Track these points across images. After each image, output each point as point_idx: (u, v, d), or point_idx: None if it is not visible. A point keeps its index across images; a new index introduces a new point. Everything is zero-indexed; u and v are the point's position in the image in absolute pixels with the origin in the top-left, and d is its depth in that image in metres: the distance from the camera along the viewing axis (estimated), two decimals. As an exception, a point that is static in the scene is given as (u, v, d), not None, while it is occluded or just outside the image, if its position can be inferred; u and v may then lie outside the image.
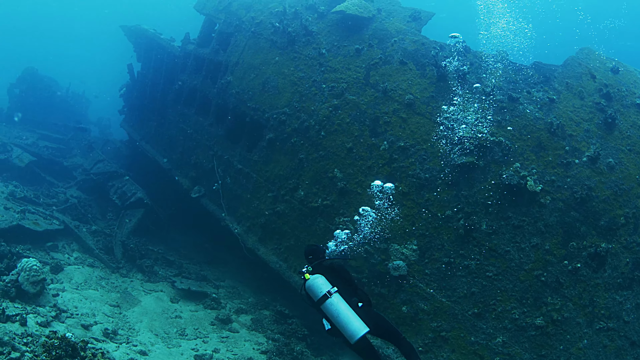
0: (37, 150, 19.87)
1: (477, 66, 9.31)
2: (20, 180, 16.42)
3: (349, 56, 10.41)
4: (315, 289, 6.07)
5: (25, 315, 8.08)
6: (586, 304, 8.20)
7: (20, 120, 23.95)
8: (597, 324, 8.19)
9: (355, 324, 5.79)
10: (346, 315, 5.86)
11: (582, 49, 9.90)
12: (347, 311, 5.89)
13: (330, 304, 5.93)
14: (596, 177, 8.55)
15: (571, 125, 8.82)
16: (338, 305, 5.91)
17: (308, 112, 10.42)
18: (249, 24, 12.69)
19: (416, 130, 9.08)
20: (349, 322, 5.80)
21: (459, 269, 8.45)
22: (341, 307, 5.91)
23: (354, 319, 5.83)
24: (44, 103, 26.38)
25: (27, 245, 11.63)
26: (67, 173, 19.01)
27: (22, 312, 8.21)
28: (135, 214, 14.38)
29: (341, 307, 5.91)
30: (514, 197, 8.33)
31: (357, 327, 5.78)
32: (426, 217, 8.72)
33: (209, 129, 13.28)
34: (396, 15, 10.69)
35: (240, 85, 12.21)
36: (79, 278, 11.02)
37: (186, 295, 11.46)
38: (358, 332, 5.75)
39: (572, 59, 9.56)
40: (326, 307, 5.94)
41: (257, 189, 11.28)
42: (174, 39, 16.84)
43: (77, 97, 30.27)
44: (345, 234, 8.64)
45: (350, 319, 5.82)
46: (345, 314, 5.86)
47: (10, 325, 7.66)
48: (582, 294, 8.21)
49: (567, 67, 9.41)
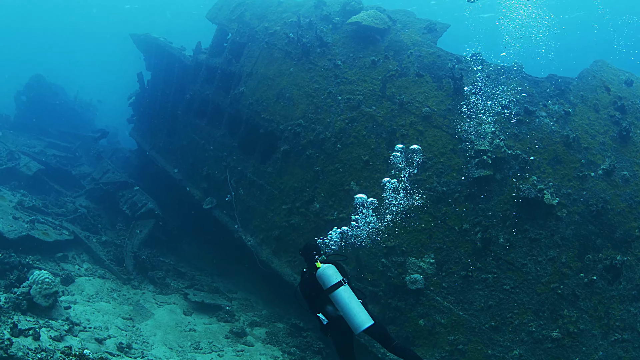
0: (45, 158, 20.22)
1: (493, 79, 9.63)
2: (28, 189, 16.75)
3: (365, 68, 10.73)
4: (329, 276, 6.40)
5: (38, 329, 8.22)
6: (601, 316, 8.51)
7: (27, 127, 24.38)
8: (612, 335, 8.49)
9: (363, 315, 6.17)
10: (356, 305, 6.24)
11: (596, 62, 10.24)
12: (356, 301, 6.28)
13: (344, 291, 6.29)
14: (611, 190, 8.87)
15: (587, 138, 9.13)
16: (350, 294, 6.30)
17: (324, 124, 10.72)
18: (263, 34, 13.02)
19: (433, 143, 9.39)
20: (358, 312, 6.16)
21: (476, 282, 8.73)
22: (352, 296, 6.30)
23: (361, 310, 6.21)
24: (51, 111, 26.82)
25: (37, 255, 11.82)
26: (75, 182, 19.38)
27: (35, 326, 8.32)
28: (146, 224, 14.68)
29: (352, 296, 6.30)
30: (531, 210, 8.63)
31: (364, 318, 6.14)
32: (443, 231, 9.00)
33: (222, 140, 13.58)
34: (411, 26, 11.02)
35: (254, 96, 12.53)
36: (90, 290, 11.26)
37: (199, 308, 11.72)
38: (364, 323, 6.11)
39: (586, 72, 9.89)
40: (337, 295, 6.28)
41: (271, 201, 11.58)
42: (185, 48, 17.18)
43: (85, 105, 30.76)
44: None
45: (359, 310, 6.20)
46: (355, 304, 6.24)
47: (23, 339, 7.76)
48: (597, 306, 8.52)
49: (582, 79, 9.74)
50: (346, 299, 6.25)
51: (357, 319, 6.13)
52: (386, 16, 11.14)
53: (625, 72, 10.28)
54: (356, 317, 6.14)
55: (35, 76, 27.66)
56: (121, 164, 20.62)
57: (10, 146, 20.00)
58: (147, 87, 19.40)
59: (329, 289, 6.36)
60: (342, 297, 6.26)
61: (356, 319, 6.14)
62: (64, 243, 12.84)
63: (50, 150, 21.88)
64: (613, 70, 10.22)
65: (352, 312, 6.17)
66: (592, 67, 10.05)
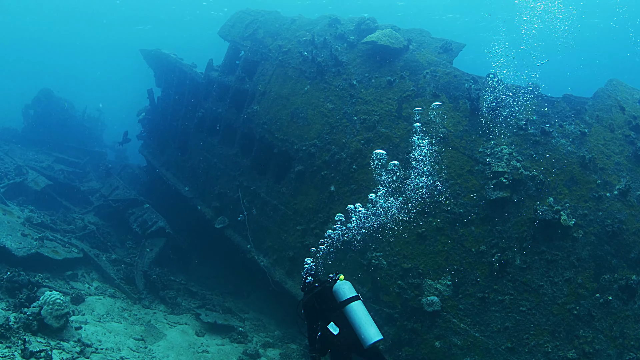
0: (53, 173, 20.75)
1: (509, 99, 10.01)
2: (36, 204, 17.21)
3: (381, 88, 11.13)
4: (347, 290, 7.15)
5: (50, 351, 8.50)
6: (616, 336, 8.83)
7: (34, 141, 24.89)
8: (627, 354, 8.80)
9: (374, 329, 6.83)
10: (369, 319, 6.92)
11: (610, 81, 10.62)
12: (369, 316, 6.96)
13: (360, 304, 7.01)
14: (627, 210, 9.21)
15: (602, 158, 9.47)
16: (364, 309, 7.02)
17: (339, 144, 11.11)
18: (277, 52, 13.47)
19: (450, 164, 9.76)
20: (370, 326, 6.82)
21: (492, 303, 9.04)
22: (366, 311, 7.00)
23: (373, 324, 6.87)
24: (59, 125, 27.39)
25: (46, 273, 12.18)
26: (83, 198, 19.87)
27: (47, 348, 8.60)
28: (157, 243, 15.07)
29: (366, 311, 7.00)
30: (547, 231, 8.96)
31: (375, 331, 6.80)
32: (460, 252, 9.34)
33: (234, 159, 13.99)
34: (427, 46, 11.43)
35: (267, 115, 12.95)
36: (100, 309, 11.59)
37: (211, 328, 12.06)
38: (375, 336, 6.75)
39: (601, 91, 10.26)
40: (352, 307, 6.96)
41: (285, 222, 11.94)
42: (196, 65, 17.67)
43: (93, 120, 31.34)
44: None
45: (371, 323, 6.86)
46: (368, 317, 6.92)
47: (34, 362, 8.00)
48: (612, 326, 8.84)
49: (597, 99, 10.10)
50: (360, 312, 6.92)
51: (368, 332, 6.75)
52: (401, 35, 11.56)
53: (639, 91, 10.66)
54: (367, 330, 6.76)
55: (43, 90, 28.22)
56: (130, 180, 21.08)
57: (18, 160, 20.52)
58: (158, 103, 19.89)
59: (344, 301, 7.03)
60: (356, 310, 6.92)
61: (366, 332, 6.75)
62: (73, 261, 13.23)
63: (57, 165, 22.42)
64: (627, 89, 10.59)
65: (363, 325, 6.80)
66: (607, 87, 10.42)
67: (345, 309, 6.97)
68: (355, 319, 6.89)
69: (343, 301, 7.05)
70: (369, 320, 6.90)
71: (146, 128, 20.83)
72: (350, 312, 6.93)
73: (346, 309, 6.97)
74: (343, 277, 7.39)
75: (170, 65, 18.62)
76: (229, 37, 15.48)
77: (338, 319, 7.04)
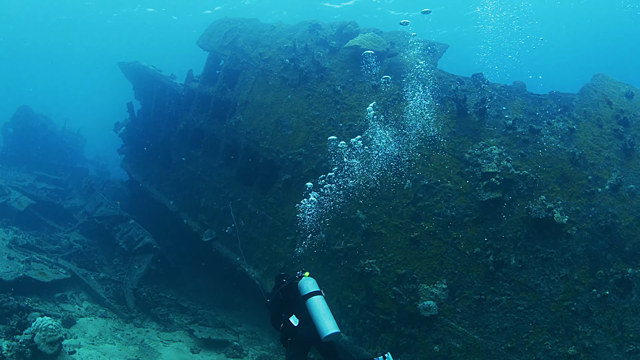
0: (35, 192, 20.50)
1: (496, 99, 9.99)
2: (20, 225, 16.93)
3: (366, 92, 11.05)
4: (309, 285, 7.55)
5: None
6: (615, 329, 8.89)
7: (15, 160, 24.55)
8: (627, 347, 8.89)
9: (332, 322, 7.21)
10: (328, 312, 7.30)
11: (596, 75, 10.65)
12: (329, 311, 7.35)
13: (320, 299, 7.40)
14: (619, 204, 9.25)
15: (592, 154, 9.49)
16: (324, 302, 7.41)
17: (325, 152, 10.99)
18: (257, 60, 13.33)
19: (440, 167, 9.69)
20: (328, 318, 7.20)
21: (490, 305, 9.00)
22: (326, 306, 7.39)
23: (331, 317, 7.25)
24: (40, 142, 27.14)
25: (35, 297, 11.92)
26: (67, 216, 19.63)
27: None
28: (144, 259, 14.85)
29: (326, 306, 7.39)
30: (541, 230, 8.94)
31: (332, 325, 7.17)
32: (454, 255, 9.28)
33: (219, 171, 13.82)
34: (410, 48, 11.37)
35: (251, 124, 12.80)
36: (93, 331, 11.37)
37: (206, 344, 11.88)
38: (332, 328, 7.12)
39: (588, 87, 10.29)
40: (313, 301, 7.37)
41: (274, 232, 11.80)
42: (175, 76, 17.49)
43: (73, 135, 31.05)
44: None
45: (329, 317, 7.25)
46: (327, 311, 7.31)
47: (29, 392, 7.81)
48: (611, 320, 8.89)
49: (583, 94, 10.13)
50: (320, 306, 7.32)
51: (325, 325, 7.13)
52: (384, 38, 11.50)
53: (625, 85, 10.70)
54: (325, 322, 7.15)
55: (22, 107, 27.94)
56: (113, 195, 20.80)
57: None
58: (138, 117, 19.64)
59: (306, 295, 7.44)
60: (316, 304, 7.33)
61: (324, 324, 7.14)
62: (61, 282, 12.98)
63: (40, 184, 22.23)
64: (613, 83, 10.63)
65: (322, 318, 7.20)
66: (593, 82, 10.45)
67: (307, 302, 7.39)
68: (314, 312, 7.29)
69: (305, 295, 7.46)
70: (328, 314, 7.29)
71: (127, 142, 20.56)
72: (311, 305, 7.34)
73: (307, 302, 7.39)
74: (308, 274, 7.83)
75: (149, 77, 18.41)
76: (208, 46, 15.32)
77: (300, 312, 7.46)
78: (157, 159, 17.19)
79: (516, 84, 10.30)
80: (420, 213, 9.65)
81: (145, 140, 18.20)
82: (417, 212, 9.68)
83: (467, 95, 9.98)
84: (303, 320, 7.40)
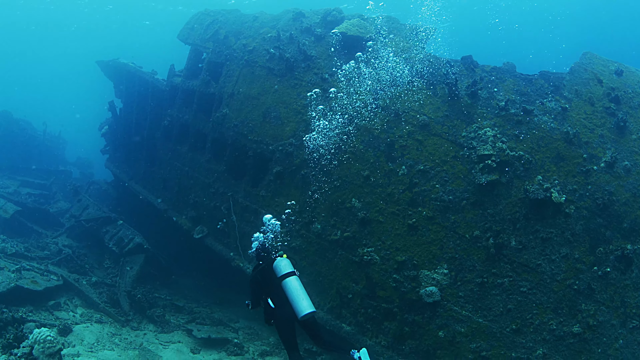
0: (20, 198, 20.32)
1: (487, 81, 9.96)
2: (6, 232, 16.74)
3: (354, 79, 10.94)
4: (285, 266, 7.95)
5: None
6: (618, 306, 9.04)
7: None
8: (630, 322, 9.06)
9: (308, 302, 7.64)
10: (304, 292, 7.72)
11: (585, 54, 10.67)
12: (304, 291, 7.76)
13: (295, 279, 7.81)
14: (615, 181, 9.31)
15: (586, 132, 9.52)
16: (299, 284, 7.82)
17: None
18: (241, 51, 13.14)
19: (434, 151, 9.67)
20: (303, 299, 7.63)
21: (492, 287, 9.04)
22: (301, 286, 7.80)
23: (306, 297, 7.67)
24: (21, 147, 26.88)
25: (29, 306, 11.73)
26: (54, 220, 19.44)
27: None
28: (136, 260, 14.70)
29: (301, 286, 7.80)
30: (540, 210, 8.97)
31: (308, 304, 7.61)
32: (454, 240, 9.27)
33: (207, 166, 13.66)
34: (397, 33, 11.29)
35: (238, 117, 12.64)
36: (90, 338, 11.18)
37: (206, 343, 11.80)
38: (308, 308, 7.56)
39: (577, 65, 10.30)
40: (288, 282, 7.77)
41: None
42: (156, 72, 17.22)
43: (54, 138, 30.68)
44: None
45: (305, 297, 7.67)
46: (302, 292, 7.73)
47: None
48: (613, 297, 9.03)
49: (574, 74, 10.14)
50: (295, 287, 7.73)
51: (301, 305, 7.56)
52: (369, 24, 11.39)
53: (614, 62, 10.72)
54: (301, 303, 7.57)
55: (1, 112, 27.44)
56: (98, 197, 20.54)
57: (-18, 189, 19.89)
58: (120, 115, 19.35)
59: (282, 276, 7.81)
60: (292, 285, 7.72)
61: (300, 304, 7.56)
62: (53, 289, 12.82)
63: (24, 189, 22.06)
64: (602, 61, 10.64)
65: (297, 298, 7.60)
66: (582, 60, 10.45)
67: (282, 283, 7.77)
68: (289, 293, 7.69)
69: (280, 276, 7.82)
70: (302, 294, 7.68)
71: (110, 141, 20.28)
72: (286, 286, 7.73)
73: (283, 283, 7.77)
74: (285, 256, 8.18)
75: (130, 74, 18.12)
76: (189, 40, 15.10)
77: (278, 293, 7.80)
78: (142, 157, 16.97)
79: (506, 65, 10.28)
80: (417, 198, 9.62)
81: (129, 138, 17.94)
82: (413, 198, 9.65)
83: (458, 78, 9.92)
84: (281, 300, 7.75)
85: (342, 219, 10.40)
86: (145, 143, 16.77)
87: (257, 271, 8.17)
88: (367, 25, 11.25)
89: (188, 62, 15.16)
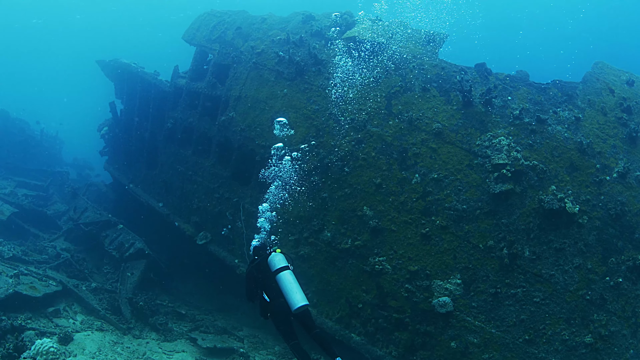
0: (17, 200, 20.27)
1: (501, 89, 10.16)
2: (3, 235, 16.67)
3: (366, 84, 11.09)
4: (279, 260, 8.38)
5: None
6: (629, 316, 9.36)
7: None
8: None
9: (301, 295, 8.04)
10: (297, 286, 8.12)
11: (596, 63, 10.95)
12: (297, 285, 8.15)
13: (289, 274, 8.22)
14: (627, 191, 9.59)
15: (598, 142, 9.78)
16: (293, 278, 8.21)
17: (327, 147, 11.04)
18: (249, 54, 13.25)
19: (448, 160, 9.86)
20: (297, 292, 8.03)
21: (506, 298, 9.25)
22: (295, 280, 8.19)
23: (301, 292, 8.07)
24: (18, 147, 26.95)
25: (27, 313, 11.64)
26: (51, 222, 19.48)
27: None
28: (137, 266, 14.75)
29: (295, 280, 8.19)
30: (553, 220, 9.20)
31: (302, 297, 8.01)
32: (468, 249, 9.46)
33: (212, 170, 13.75)
34: (409, 38, 11.45)
35: (245, 121, 12.75)
36: (91, 347, 11.07)
37: (211, 353, 11.83)
38: (301, 301, 7.95)
39: (590, 75, 10.57)
40: (282, 276, 8.18)
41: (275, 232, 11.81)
42: (159, 73, 17.30)
43: (51, 138, 30.86)
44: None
45: (299, 290, 8.08)
46: (296, 285, 8.13)
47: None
48: (625, 307, 9.35)
49: (586, 83, 10.42)
50: (289, 280, 8.13)
51: (295, 298, 7.94)
52: (382, 29, 11.55)
53: (625, 72, 11.00)
54: (295, 296, 7.96)
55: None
56: (96, 199, 20.55)
57: (-21, 190, 19.91)
58: (121, 116, 19.40)
59: (276, 270, 8.23)
60: (285, 279, 8.13)
61: (294, 298, 7.95)
62: (52, 295, 12.76)
63: (20, 190, 22.06)
64: (614, 71, 10.91)
65: (291, 292, 8.00)
66: (594, 70, 10.72)
67: (277, 277, 8.17)
68: (283, 287, 8.08)
69: (275, 270, 8.23)
70: (296, 287, 8.06)
71: (110, 143, 20.32)
72: (280, 280, 8.12)
73: (277, 277, 8.17)
74: (280, 251, 8.57)
75: (132, 75, 18.19)
76: (195, 41, 15.20)
77: (272, 287, 8.18)
78: (143, 159, 17.04)
79: (519, 73, 10.49)
80: (431, 207, 9.81)
81: (130, 140, 18.00)
82: (427, 207, 9.84)
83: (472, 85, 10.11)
84: (276, 294, 8.12)
85: (352, 228, 10.56)
86: (146, 145, 16.83)
87: (252, 266, 8.62)
88: (379, 29, 11.41)
89: (193, 64, 15.22)
